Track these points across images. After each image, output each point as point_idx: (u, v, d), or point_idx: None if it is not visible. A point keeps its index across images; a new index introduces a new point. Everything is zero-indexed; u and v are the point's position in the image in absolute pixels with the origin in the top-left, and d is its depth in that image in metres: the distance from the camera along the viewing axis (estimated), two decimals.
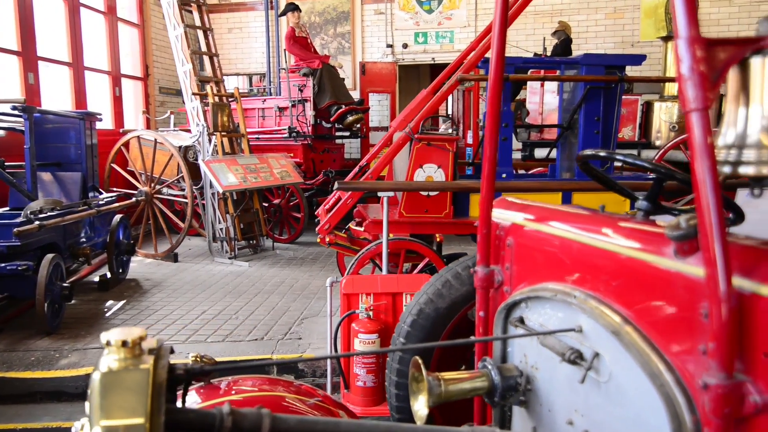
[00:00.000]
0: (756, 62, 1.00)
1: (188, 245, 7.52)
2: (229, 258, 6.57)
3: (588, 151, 1.67)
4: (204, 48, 7.25)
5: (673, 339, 1.11)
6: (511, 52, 8.70)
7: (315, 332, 4.18)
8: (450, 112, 8.92)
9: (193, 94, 6.69)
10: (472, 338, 1.77)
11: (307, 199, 7.52)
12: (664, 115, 7.09)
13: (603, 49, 8.44)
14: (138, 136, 6.84)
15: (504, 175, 4.18)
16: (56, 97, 6.95)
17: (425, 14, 9.36)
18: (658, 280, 1.14)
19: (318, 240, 4.12)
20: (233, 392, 1.89)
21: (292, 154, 7.78)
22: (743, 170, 1.00)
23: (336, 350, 3.43)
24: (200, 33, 7.12)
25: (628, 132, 7.20)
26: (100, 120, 5.68)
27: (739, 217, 1.72)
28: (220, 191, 6.18)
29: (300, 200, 7.38)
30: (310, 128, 7.81)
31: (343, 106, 7.80)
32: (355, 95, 9.12)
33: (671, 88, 7.21)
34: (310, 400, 1.88)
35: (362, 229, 4.12)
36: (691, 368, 1.05)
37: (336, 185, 3.45)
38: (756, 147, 1.00)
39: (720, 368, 0.93)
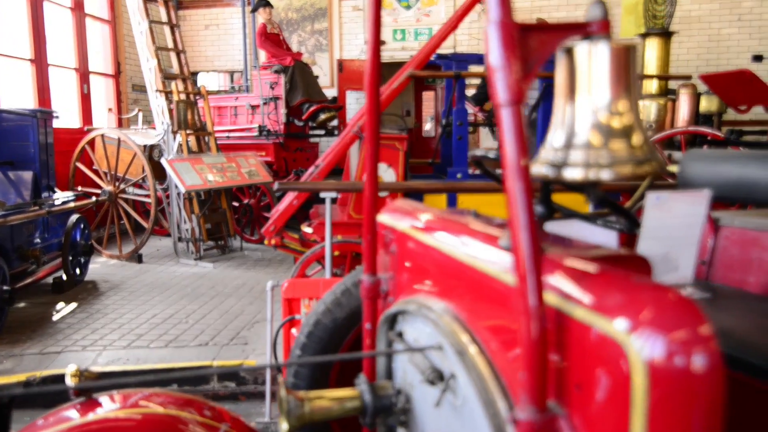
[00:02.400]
0: (582, 50, 0.87)
1: (157, 246, 7.39)
2: (195, 259, 6.43)
3: (478, 152, 1.55)
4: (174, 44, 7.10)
5: (512, 363, 0.98)
6: None
7: (263, 337, 4.05)
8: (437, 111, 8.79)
9: (157, 91, 6.54)
10: (331, 355, 1.65)
11: (278, 199, 7.38)
12: (641, 113, 6.97)
13: None
14: (102, 135, 6.70)
15: (459, 176, 4.06)
16: (17, 95, 6.80)
17: (403, 11, 9.22)
18: (502, 296, 1.01)
19: (266, 242, 4.00)
20: (123, 408, 1.74)
21: (263, 153, 7.65)
22: (569, 174, 0.86)
23: (276, 357, 3.30)
24: (168, 29, 6.97)
25: None
26: (56, 118, 5.54)
27: (633, 224, 1.59)
28: (183, 191, 6.05)
29: (271, 200, 7.24)
30: (282, 126, 7.67)
31: (316, 104, 7.66)
32: (333, 93, 8.98)
33: (648, 86, 7.08)
34: (220, 426, 1.72)
35: (311, 230, 3.99)
36: None
37: (275, 185, 3.32)
38: (584, 148, 0.86)
39: (529, 400, 0.80)
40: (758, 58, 5.16)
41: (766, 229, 1.81)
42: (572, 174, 0.86)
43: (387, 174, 3.82)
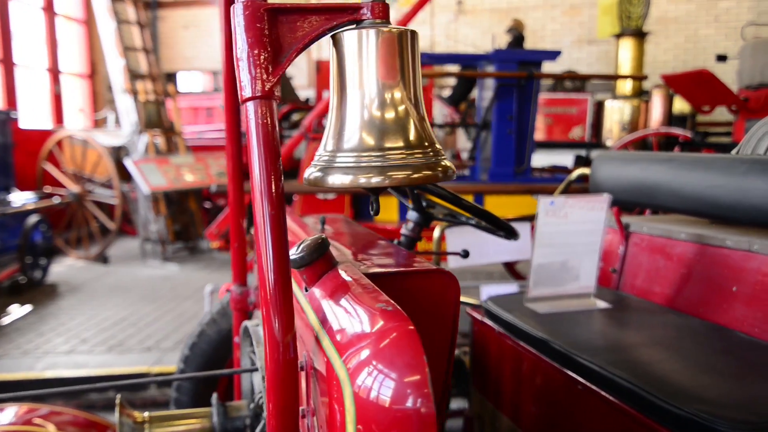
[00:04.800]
0: (351, 38, 0.77)
1: (127, 247, 7.30)
2: (162, 260, 6.34)
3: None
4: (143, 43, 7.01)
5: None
6: (469, 49, 8.49)
7: None
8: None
9: (125, 91, 6.45)
10: (183, 374, 1.56)
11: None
12: (615, 114, 6.88)
13: (560, 47, 8.22)
14: (69, 136, 6.61)
15: None
16: None
17: None
18: (299, 317, 0.93)
19: (211, 245, 3.91)
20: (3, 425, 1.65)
21: None
22: (335, 180, 0.77)
23: None
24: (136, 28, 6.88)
25: (578, 132, 6.99)
26: (14, 119, 5.45)
27: (511, 234, 1.51)
28: (147, 192, 5.96)
29: None
30: None
31: (288, 105, 7.56)
32: (311, 93, 8.88)
33: (622, 87, 7.00)
34: None
35: None
36: None
37: (212, 187, 3.23)
38: (354, 150, 0.77)
39: None
40: (722, 58, 5.07)
41: (671, 236, 1.73)
42: (339, 180, 0.76)
43: None
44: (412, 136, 0.78)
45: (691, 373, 1.23)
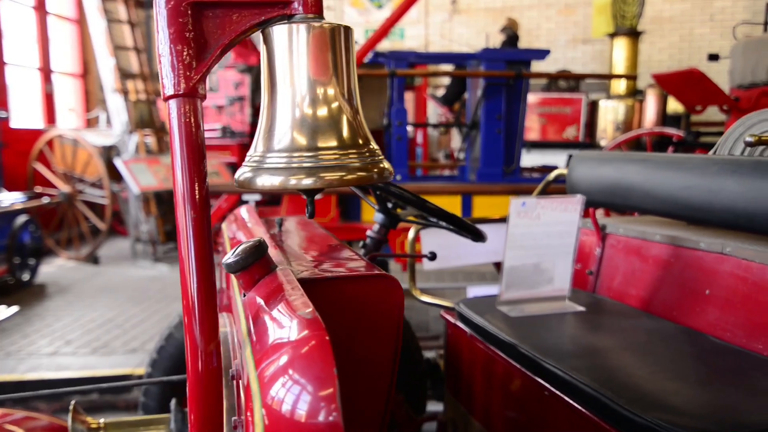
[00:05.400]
0: (281, 33, 0.73)
1: (119, 247, 7.27)
2: (153, 261, 6.31)
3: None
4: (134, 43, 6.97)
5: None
6: (463, 49, 8.45)
7: None
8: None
9: (115, 90, 6.42)
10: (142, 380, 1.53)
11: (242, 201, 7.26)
12: (609, 114, 6.85)
13: (555, 46, 8.19)
14: (60, 135, 6.58)
15: (399, 177, 3.94)
16: None
17: (375, 11, 9.10)
18: (237, 324, 0.90)
19: None
20: None
21: (229, 153, 7.52)
22: (264, 182, 0.73)
23: None
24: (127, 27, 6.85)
25: (572, 132, 6.96)
26: (4, 118, 5.42)
27: (477, 237, 1.48)
28: (137, 192, 5.93)
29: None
30: (247, 127, 7.54)
31: None
32: None
33: (617, 87, 6.97)
34: None
35: None
36: None
37: None
38: (285, 151, 0.74)
39: None
40: (714, 57, 5.04)
41: (647, 238, 1.70)
42: (269, 182, 0.73)
43: None
44: (345, 134, 0.75)
45: (657, 378, 1.20)
